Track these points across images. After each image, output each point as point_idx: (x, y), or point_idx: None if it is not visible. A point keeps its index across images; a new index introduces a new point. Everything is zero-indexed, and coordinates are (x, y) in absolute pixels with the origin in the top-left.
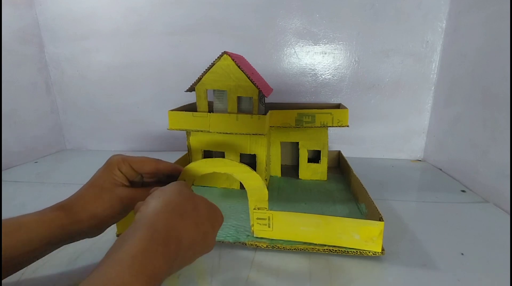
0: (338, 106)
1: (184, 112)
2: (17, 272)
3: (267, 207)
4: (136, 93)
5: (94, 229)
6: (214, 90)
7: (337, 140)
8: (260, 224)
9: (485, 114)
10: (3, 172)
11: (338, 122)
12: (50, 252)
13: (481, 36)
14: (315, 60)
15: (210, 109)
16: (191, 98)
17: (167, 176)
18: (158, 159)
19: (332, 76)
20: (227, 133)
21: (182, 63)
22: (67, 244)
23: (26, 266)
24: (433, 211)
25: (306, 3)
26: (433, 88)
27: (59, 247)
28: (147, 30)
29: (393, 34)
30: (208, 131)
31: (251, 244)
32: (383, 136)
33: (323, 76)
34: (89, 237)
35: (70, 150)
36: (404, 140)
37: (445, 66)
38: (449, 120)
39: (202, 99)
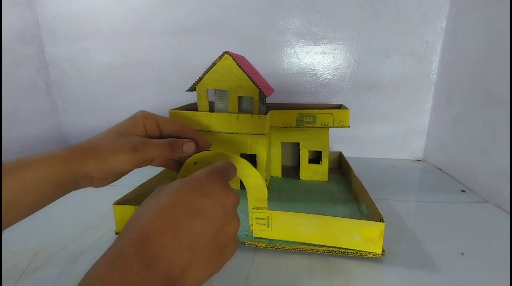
0: (340, 107)
1: (184, 111)
2: (17, 271)
3: (267, 207)
4: (136, 93)
5: (101, 172)
6: (215, 90)
7: (337, 140)
8: (259, 224)
9: (485, 114)
10: None
11: (339, 123)
12: (57, 197)
13: (481, 36)
14: (315, 60)
15: (211, 109)
16: (191, 98)
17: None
18: (184, 123)
19: (332, 76)
20: (227, 133)
21: (182, 63)
22: (74, 189)
23: (35, 211)
24: (433, 211)
25: (306, 3)
26: (433, 88)
27: (67, 192)
28: (147, 30)
29: (393, 34)
30: (209, 131)
31: (250, 244)
32: (383, 136)
33: (323, 76)
34: (94, 186)
35: None
36: (404, 140)
37: (445, 66)
38: (449, 120)
39: (203, 98)
